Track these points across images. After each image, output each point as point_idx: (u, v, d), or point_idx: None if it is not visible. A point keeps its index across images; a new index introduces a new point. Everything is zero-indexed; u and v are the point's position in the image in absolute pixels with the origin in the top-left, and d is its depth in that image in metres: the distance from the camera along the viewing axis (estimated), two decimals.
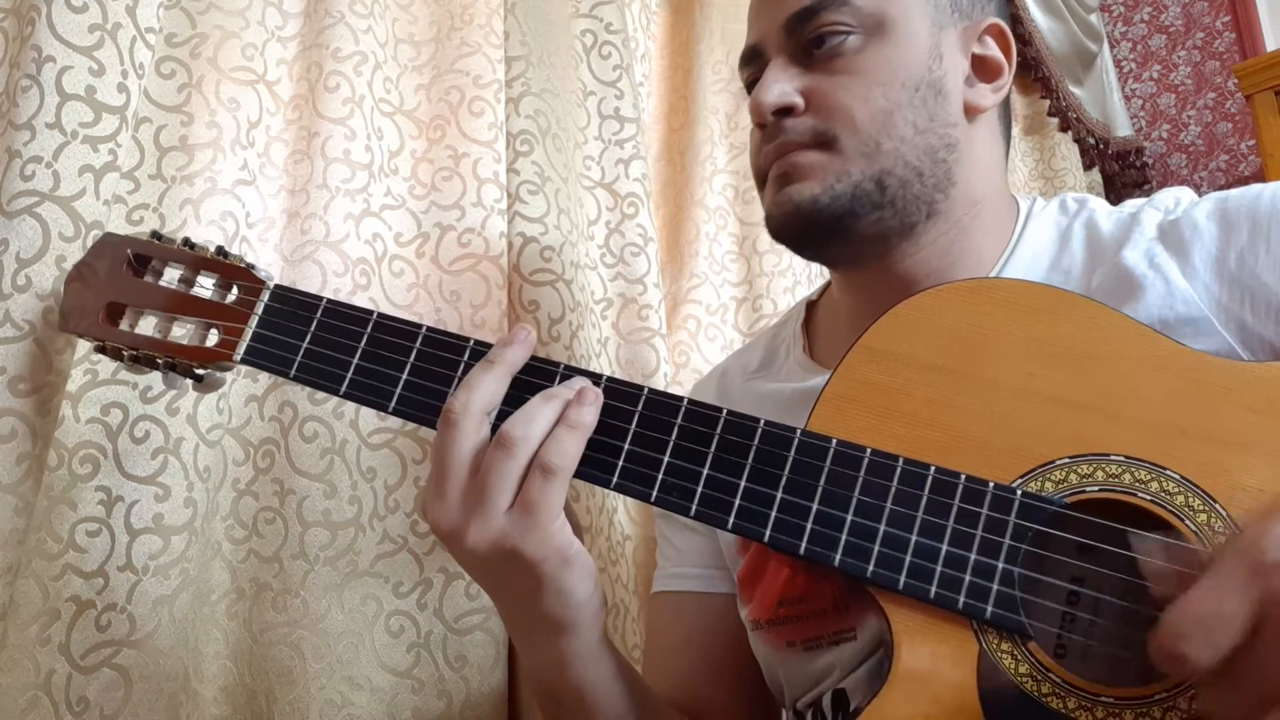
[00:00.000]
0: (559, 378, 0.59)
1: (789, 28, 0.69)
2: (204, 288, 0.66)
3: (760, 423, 0.56)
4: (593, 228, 1.10)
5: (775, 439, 0.56)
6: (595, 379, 0.59)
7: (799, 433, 0.56)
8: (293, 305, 0.64)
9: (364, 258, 0.91)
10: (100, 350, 0.67)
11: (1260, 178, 1.89)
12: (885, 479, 0.54)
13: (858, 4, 0.67)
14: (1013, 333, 0.56)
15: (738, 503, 0.55)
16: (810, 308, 0.82)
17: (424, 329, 0.61)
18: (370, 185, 0.93)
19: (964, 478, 0.53)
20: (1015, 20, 1.87)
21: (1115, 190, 2.18)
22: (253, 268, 0.66)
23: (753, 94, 0.69)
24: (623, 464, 0.57)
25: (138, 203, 0.81)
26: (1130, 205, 0.70)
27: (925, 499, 0.53)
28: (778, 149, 0.68)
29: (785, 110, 0.68)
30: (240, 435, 0.85)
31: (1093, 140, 2.08)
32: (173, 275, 0.67)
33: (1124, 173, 2.17)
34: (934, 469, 0.54)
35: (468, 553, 0.55)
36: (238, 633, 0.82)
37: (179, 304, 0.66)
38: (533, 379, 0.59)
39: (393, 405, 0.60)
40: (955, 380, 0.56)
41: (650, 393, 0.58)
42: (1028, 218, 0.72)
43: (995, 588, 0.51)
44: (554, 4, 1.13)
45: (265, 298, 0.64)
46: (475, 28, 1.02)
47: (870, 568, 0.53)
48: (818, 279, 1.29)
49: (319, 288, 0.87)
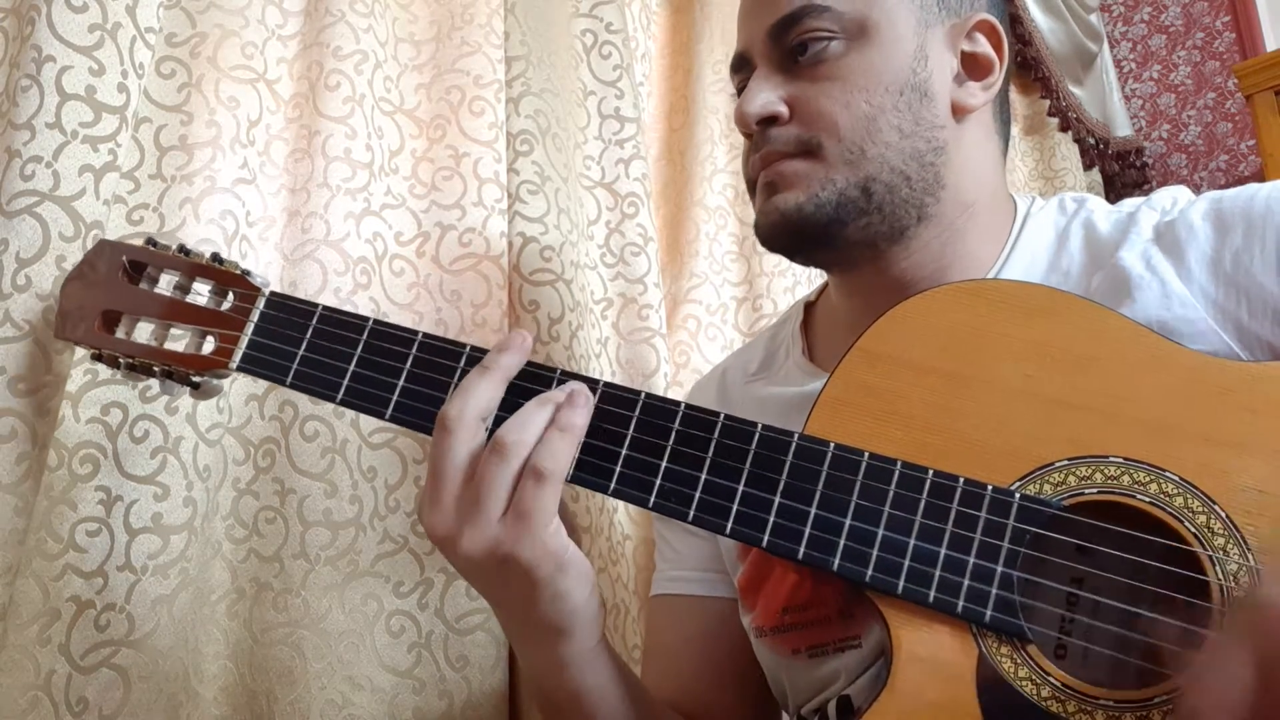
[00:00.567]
0: (555, 382, 0.59)
1: (773, 35, 0.68)
2: (200, 294, 0.66)
3: (758, 427, 0.56)
4: (593, 227, 1.10)
5: (773, 443, 0.56)
6: (592, 384, 0.59)
7: (797, 437, 0.56)
8: (288, 312, 0.64)
9: (364, 256, 0.91)
10: (97, 358, 0.67)
11: (1260, 178, 1.89)
12: (883, 483, 0.54)
13: (839, 9, 0.67)
14: (1010, 334, 0.56)
15: (736, 507, 0.55)
16: (808, 309, 0.82)
17: (420, 335, 0.61)
18: (371, 184, 0.93)
19: (962, 481, 0.53)
20: (1015, 20, 1.87)
21: (1115, 190, 2.17)
22: (248, 274, 0.65)
23: (737, 104, 0.69)
24: (620, 469, 0.57)
25: (138, 202, 0.81)
26: (1128, 205, 0.69)
27: (923, 502, 0.53)
28: (763, 158, 0.68)
29: (770, 119, 0.68)
30: (241, 434, 0.85)
31: (1093, 140, 2.08)
32: (168, 282, 0.67)
33: (1124, 173, 2.17)
34: (932, 472, 0.54)
35: (463, 558, 0.55)
36: (238, 633, 0.82)
37: (175, 311, 0.65)
38: (529, 384, 0.59)
39: (389, 412, 0.60)
40: (952, 383, 0.56)
41: (647, 397, 0.58)
42: (1025, 218, 0.72)
43: (994, 591, 0.51)
44: (554, 4, 1.13)
45: (261, 304, 0.64)
46: (475, 27, 1.02)
47: (869, 572, 0.53)
48: (818, 278, 1.28)
49: (320, 286, 0.87)
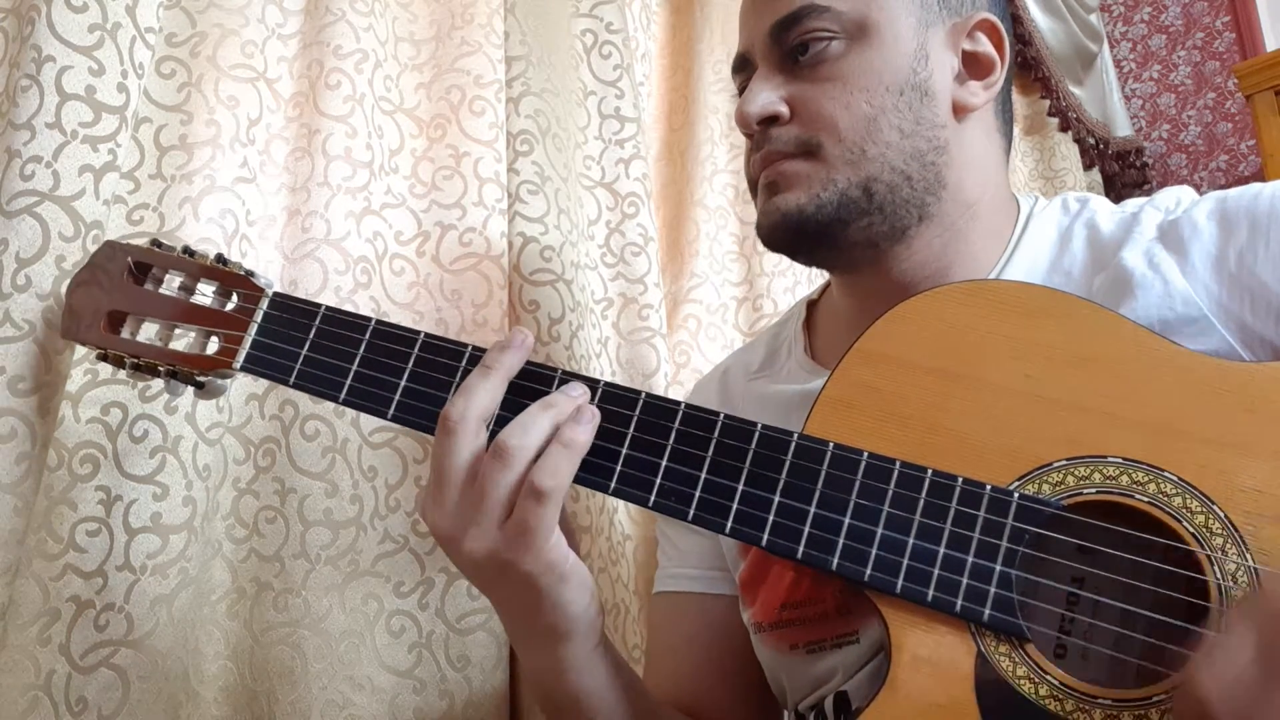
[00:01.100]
0: (556, 382, 0.59)
1: (773, 36, 0.69)
2: (204, 295, 0.66)
3: (758, 427, 0.56)
4: (593, 227, 1.10)
5: (772, 443, 0.56)
6: (593, 383, 0.59)
7: (796, 436, 0.56)
8: (292, 312, 0.64)
9: (365, 256, 0.91)
10: (102, 358, 0.67)
11: (1260, 178, 1.89)
12: (882, 482, 0.54)
13: (840, 9, 0.67)
14: (1010, 335, 0.56)
15: (735, 507, 0.55)
16: (811, 307, 0.82)
17: (422, 335, 0.62)
18: (371, 183, 0.93)
19: (961, 480, 0.53)
20: (1015, 20, 1.87)
21: (1115, 190, 2.17)
22: (252, 275, 0.66)
23: (738, 105, 0.70)
24: (620, 469, 0.57)
25: (138, 202, 0.81)
26: (1131, 205, 0.69)
27: (922, 502, 0.53)
28: (764, 158, 0.69)
29: (770, 119, 0.68)
30: (241, 434, 0.85)
31: (1093, 140, 2.08)
32: (173, 283, 0.67)
33: (1124, 173, 2.17)
34: (931, 472, 0.54)
35: (466, 559, 0.55)
36: (238, 633, 0.82)
37: (179, 312, 0.66)
38: (530, 383, 0.59)
39: (391, 412, 0.60)
40: (952, 383, 0.56)
41: (648, 397, 0.58)
42: (1028, 218, 0.71)
43: (993, 590, 0.51)
44: (554, 4, 1.13)
45: (264, 305, 0.64)
46: (476, 27, 1.02)
47: (868, 571, 0.53)
48: (818, 278, 1.28)
49: (320, 286, 0.87)
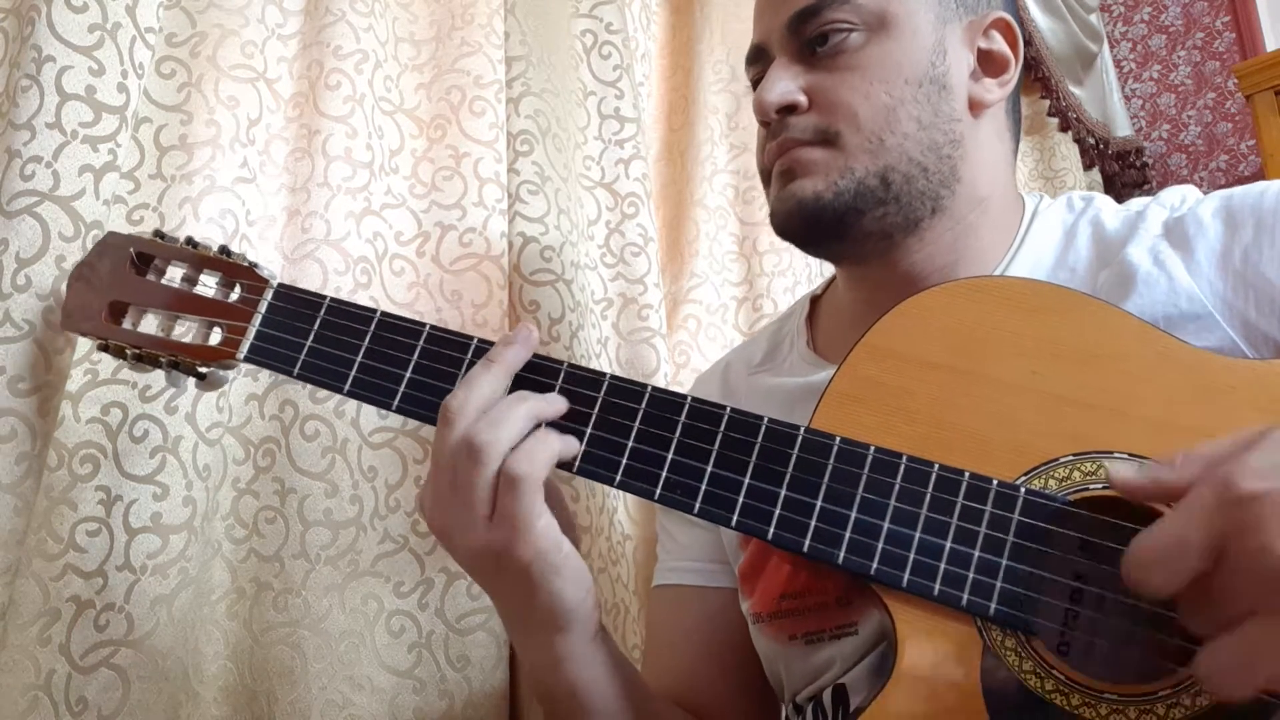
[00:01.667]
0: (562, 376, 0.59)
1: (792, 26, 0.69)
2: (207, 286, 0.66)
3: (764, 420, 0.56)
4: (593, 228, 1.10)
5: (779, 437, 0.56)
6: (599, 377, 0.59)
7: (803, 430, 0.56)
8: (296, 304, 0.64)
9: (365, 256, 0.91)
10: (103, 349, 0.67)
11: (1260, 177, 1.88)
12: (889, 476, 0.54)
13: (860, 1, 0.67)
14: (1016, 331, 0.56)
15: (741, 500, 0.55)
16: (814, 302, 0.82)
17: (428, 327, 0.62)
18: (371, 184, 0.93)
19: (967, 475, 0.53)
20: (1017, 19, 1.87)
21: (1115, 190, 2.18)
22: (256, 266, 0.66)
23: (756, 92, 0.70)
24: (627, 461, 0.57)
25: (138, 202, 0.81)
26: (1136, 203, 0.70)
27: (929, 496, 0.53)
28: (780, 146, 0.69)
29: (788, 108, 0.68)
30: (240, 434, 0.85)
31: (1093, 140, 2.08)
32: (175, 274, 0.67)
33: (1124, 173, 2.17)
34: (937, 466, 0.54)
35: (459, 550, 0.56)
36: (238, 633, 0.81)
37: (182, 303, 0.66)
38: (535, 377, 0.59)
39: (396, 403, 0.60)
40: (959, 378, 0.56)
41: (654, 390, 0.58)
42: (1034, 215, 0.72)
43: (999, 585, 0.51)
44: (554, 4, 1.13)
45: (269, 296, 0.64)
46: (476, 27, 1.02)
47: (874, 565, 0.53)
48: (818, 279, 1.29)
49: (320, 286, 0.87)
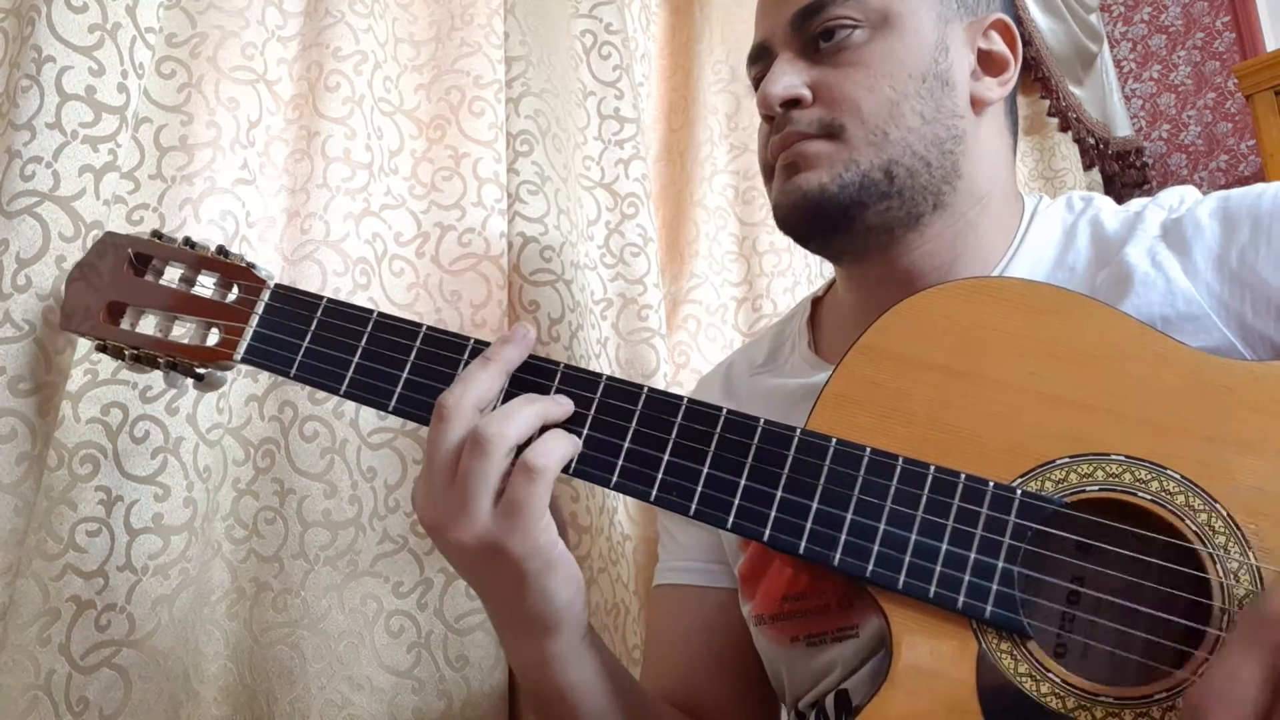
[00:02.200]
0: (558, 377, 0.59)
1: (795, 23, 0.69)
2: (205, 287, 0.66)
3: (760, 422, 0.56)
4: (592, 228, 1.10)
5: (775, 438, 0.56)
6: (595, 378, 0.59)
7: (799, 432, 0.56)
8: (293, 304, 0.64)
9: (364, 257, 0.91)
10: (101, 349, 0.67)
11: (1260, 178, 1.89)
12: (885, 478, 0.54)
13: None
14: (1013, 332, 0.56)
15: (737, 502, 0.55)
16: (815, 304, 0.82)
17: (424, 328, 0.62)
18: (370, 185, 0.93)
19: (964, 477, 0.53)
20: (1015, 20, 1.87)
21: (1115, 190, 2.17)
22: (253, 267, 0.66)
23: (760, 86, 0.70)
24: (623, 463, 0.57)
25: (138, 203, 0.81)
26: (1135, 204, 0.70)
27: (925, 498, 0.53)
28: (784, 139, 0.69)
29: (793, 102, 0.68)
30: (240, 435, 0.85)
31: (1093, 140, 2.08)
32: (174, 274, 0.67)
33: (1124, 173, 2.17)
34: (934, 468, 0.54)
35: (452, 546, 0.55)
36: (238, 633, 0.82)
37: (180, 303, 0.66)
38: (531, 377, 0.59)
39: (393, 404, 0.60)
40: (955, 379, 0.56)
41: (650, 392, 0.58)
42: (1033, 215, 0.72)
43: (995, 587, 0.51)
44: (554, 4, 1.13)
45: (266, 297, 0.64)
46: (475, 28, 1.02)
47: (870, 567, 0.53)
48: (817, 279, 1.29)
49: (319, 287, 0.87)
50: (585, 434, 0.58)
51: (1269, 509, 0.50)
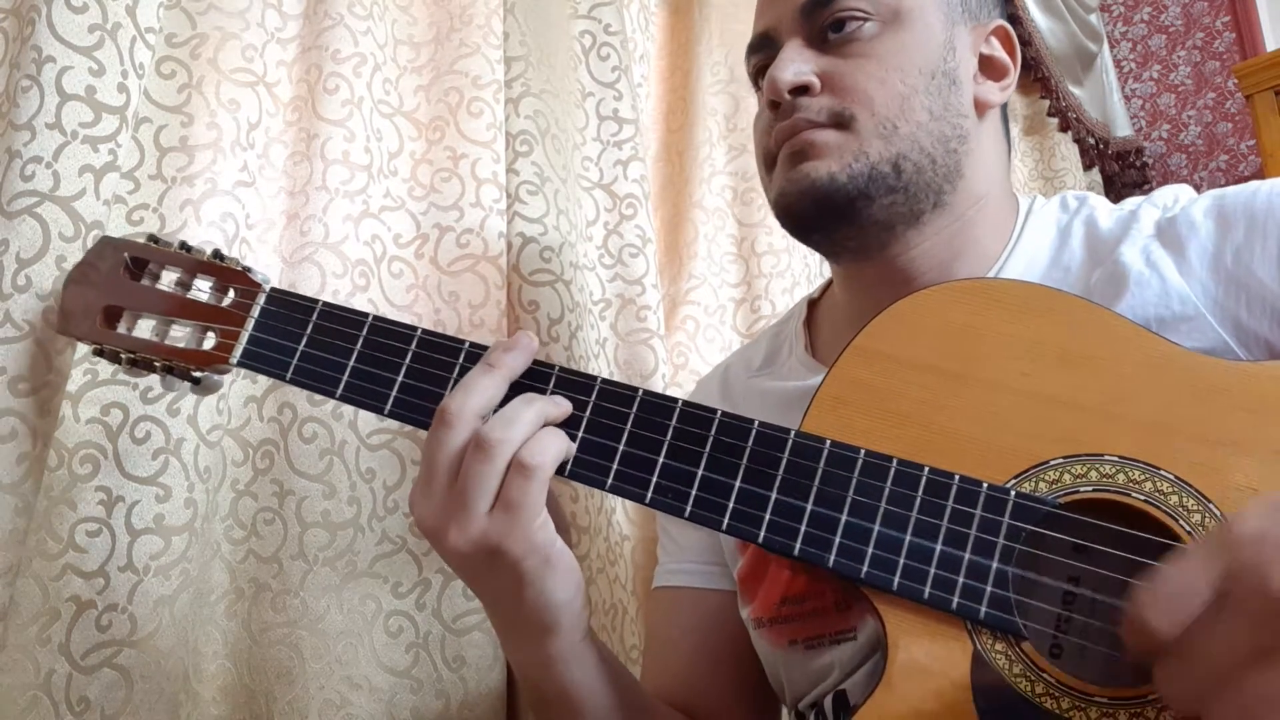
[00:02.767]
0: (553, 380, 0.60)
1: (805, 12, 0.69)
2: (201, 291, 0.66)
3: (754, 424, 0.56)
4: (591, 229, 1.10)
5: (769, 440, 0.56)
6: (590, 381, 0.59)
7: (793, 434, 0.56)
8: (289, 308, 0.64)
9: (363, 259, 0.91)
10: (98, 354, 0.67)
11: (1260, 178, 1.89)
12: (879, 480, 0.54)
13: None
14: (1007, 333, 0.56)
15: (732, 504, 0.55)
16: (812, 306, 0.82)
17: (419, 331, 0.62)
18: (369, 186, 0.93)
19: (958, 478, 0.53)
20: (1015, 20, 1.87)
21: (1115, 190, 2.18)
22: (249, 270, 0.66)
23: (769, 71, 0.69)
24: (617, 466, 0.57)
25: (138, 203, 0.81)
26: (1130, 203, 0.70)
27: (919, 499, 0.53)
28: (791, 127, 0.68)
29: (801, 89, 0.68)
30: (239, 436, 0.85)
31: (1093, 140, 2.08)
32: (170, 278, 0.67)
33: (1124, 173, 2.17)
34: (928, 469, 0.54)
35: (450, 549, 0.55)
36: (237, 633, 0.82)
37: (176, 307, 0.66)
38: (527, 381, 0.59)
39: (388, 408, 0.60)
40: (949, 381, 0.56)
41: (645, 394, 0.58)
42: (1028, 215, 0.73)
43: (989, 588, 0.51)
44: (553, 5, 1.13)
45: (261, 300, 0.64)
46: (474, 28, 1.02)
47: (864, 568, 0.53)
48: (816, 280, 1.29)
49: (318, 289, 0.87)
50: (580, 437, 0.58)
51: None
